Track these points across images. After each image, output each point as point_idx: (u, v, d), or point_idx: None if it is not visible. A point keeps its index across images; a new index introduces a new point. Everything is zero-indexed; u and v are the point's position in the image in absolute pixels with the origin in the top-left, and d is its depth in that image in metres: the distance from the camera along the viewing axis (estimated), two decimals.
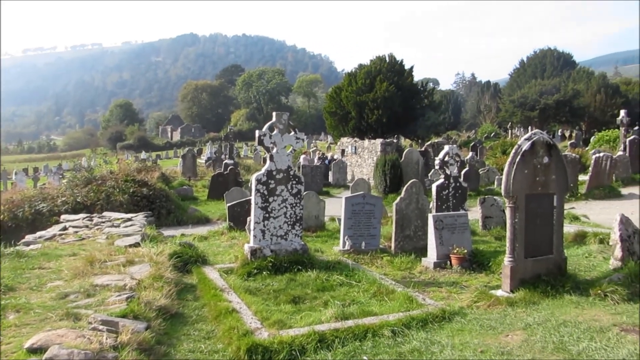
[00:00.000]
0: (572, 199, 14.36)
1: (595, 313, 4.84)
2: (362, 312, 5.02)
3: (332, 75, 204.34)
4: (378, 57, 35.84)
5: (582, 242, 8.08)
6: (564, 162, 5.78)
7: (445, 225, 7.51)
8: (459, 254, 7.22)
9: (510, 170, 5.43)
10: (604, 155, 15.37)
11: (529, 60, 58.03)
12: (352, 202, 8.28)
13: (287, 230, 7.11)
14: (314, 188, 18.93)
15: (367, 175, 22.26)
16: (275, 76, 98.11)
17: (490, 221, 9.89)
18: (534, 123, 43.07)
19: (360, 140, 26.31)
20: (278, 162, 7.07)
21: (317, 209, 11.04)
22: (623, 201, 14.00)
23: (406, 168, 17.85)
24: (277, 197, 7.03)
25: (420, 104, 36.04)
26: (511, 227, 5.50)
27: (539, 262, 5.67)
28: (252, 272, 6.51)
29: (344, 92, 34.51)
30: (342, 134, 33.41)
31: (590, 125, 43.62)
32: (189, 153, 27.64)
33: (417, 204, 8.38)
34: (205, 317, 5.01)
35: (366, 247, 8.14)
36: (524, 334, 4.45)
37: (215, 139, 65.74)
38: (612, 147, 23.53)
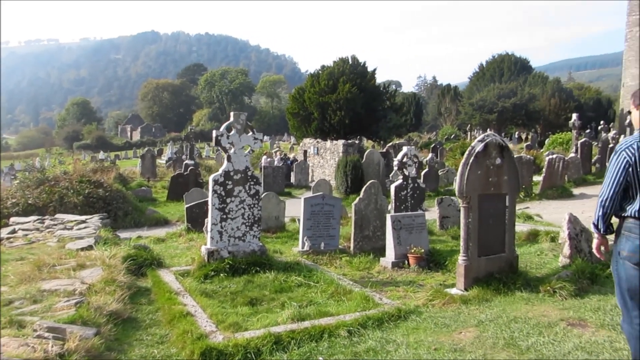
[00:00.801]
0: (527, 199, 14.77)
1: (545, 309, 4.98)
2: (319, 313, 5.01)
3: (296, 76, 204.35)
4: (341, 59, 36.00)
5: (535, 240, 8.33)
6: (515, 163, 5.93)
7: (403, 225, 7.60)
8: (416, 254, 7.32)
9: (464, 171, 5.53)
10: (557, 157, 15.88)
11: (487, 64, 59.36)
12: (311, 202, 8.28)
13: (245, 232, 7.05)
14: (275, 189, 18.86)
15: (329, 176, 22.32)
16: (238, 76, 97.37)
17: (447, 221, 10.07)
18: (493, 125, 44.12)
19: (322, 141, 26.37)
20: (236, 163, 7.00)
21: (277, 209, 11.00)
22: (574, 201, 14.48)
23: (367, 169, 18.00)
24: (234, 198, 6.97)
25: (382, 105, 36.39)
26: (465, 227, 5.61)
27: (492, 260, 5.81)
28: (209, 274, 6.42)
29: (307, 93, 34.54)
30: (305, 134, 33.42)
31: (545, 128, 45.02)
32: (149, 153, 27.10)
33: (375, 204, 8.46)
34: (159, 322, 4.90)
35: (325, 247, 8.15)
36: (476, 330, 4.54)
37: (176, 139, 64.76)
38: (565, 149, 24.35)
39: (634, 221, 3.23)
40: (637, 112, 3.38)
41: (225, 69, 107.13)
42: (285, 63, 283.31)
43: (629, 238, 3.26)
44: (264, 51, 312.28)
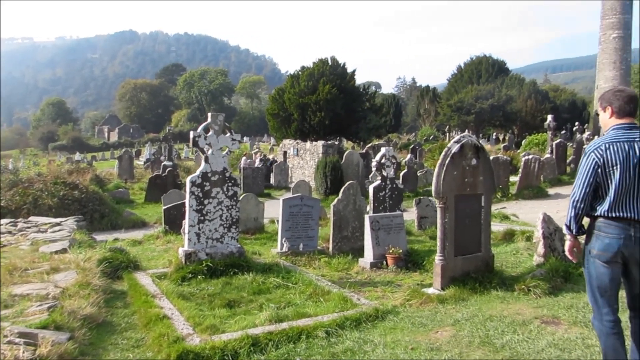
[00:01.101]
0: (504, 199, 14.98)
1: (519, 307, 5.06)
2: (297, 314, 5.01)
3: (276, 77, 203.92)
4: (321, 60, 36.03)
5: (511, 239, 8.45)
6: (490, 164, 6.01)
7: (382, 225, 7.64)
8: (395, 254, 7.36)
9: (440, 172, 5.59)
10: (533, 157, 16.13)
11: (465, 66, 60.01)
12: (290, 204, 8.27)
13: (223, 233, 7.01)
14: (255, 190, 18.80)
15: (308, 177, 22.32)
16: (217, 76, 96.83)
17: (425, 221, 10.15)
18: (471, 127, 44.66)
19: (302, 142, 26.36)
20: (213, 164, 6.96)
21: (256, 211, 10.96)
22: (550, 201, 14.73)
23: (347, 170, 18.05)
24: (212, 200, 6.92)
25: (362, 106, 36.52)
26: (441, 227, 5.67)
27: (468, 260, 5.88)
28: (186, 276, 6.37)
29: (287, 94, 34.49)
30: (285, 135, 33.36)
31: (522, 129, 45.69)
32: (126, 154, 26.76)
33: (354, 205, 8.48)
34: (135, 325, 4.85)
35: (304, 248, 8.15)
36: (452, 329, 4.59)
37: (154, 140, 64.02)
38: (541, 149, 24.74)
39: (604, 220, 3.31)
40: (604, 114, 3.46)
41: (204, 69, 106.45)
42: (265, 64, 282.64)
43: (599, 237, 3.33)
44: (243, 52, 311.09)
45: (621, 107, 3.34)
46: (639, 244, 3.23)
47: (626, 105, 3.33)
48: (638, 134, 3.28)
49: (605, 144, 3.27)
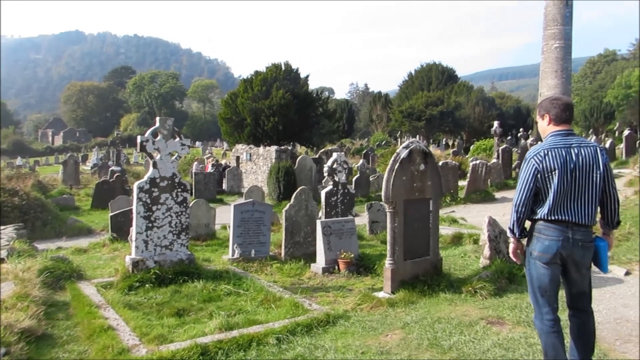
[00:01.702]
0: (453, 203, 15.33)
1: (466, 309, 5.19)
2: (247, 322, 4.96)
3: (229, 81, 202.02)
4: (274, 65, 35.91)
5: (459, 242, 8.66)
6: (438, 168, 6.15)
7: (333, 230, 7.67)
8: (346, 259, 7.40)
9: (389, 177, 5.67)
10: (480, 162, 16.61)
11: (416, 73, 61.29)
12: (242, 209, 8.19)
13: (173, 240, 6.86)
14: (207, 195, 18.54)
15: (261, 182, 22.17)
16: (169, 80, 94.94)
17: (377, 226, 10.27)
18: (421, 132, 45.62)
19: (255, 147, 26.17)
20: (162, 169, 6.81)
21: (207, 217, 10.79)
22: (496, 204, 15.19)
23: (300, 175, 18.05)
24: (161, 206, 6.76)
25: (315, 112, 36.62)
26: (391, 232, 5.75)
27: (418, 263, 5.98)
28: (133, 285, 6.19)
29: (240, 98, 34.17)
30: (238, 140, 33.02)
31: (470, 135, 47.04)
32: (71, 159, 25.81)
33: (306, 210, 8.49)
34: (78, 337, 4.66)
35: (256, 254, 8.08)
36: (402, 332, 4.65)
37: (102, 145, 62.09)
38: (488, 155, 25.54)
39: (543, 223, 3.43)
40: (542, 121, 3.60)
41: (155, 72, 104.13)
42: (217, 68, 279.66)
43: (539, 239, 3.45)
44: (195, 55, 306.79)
45: (558, 115, 3.49)
46: (576, 246, 3.37)
47: (563, 113, 3.48)
48: (575, 140, 3.43)
49: (544, 150, 3.40)
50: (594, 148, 3.42)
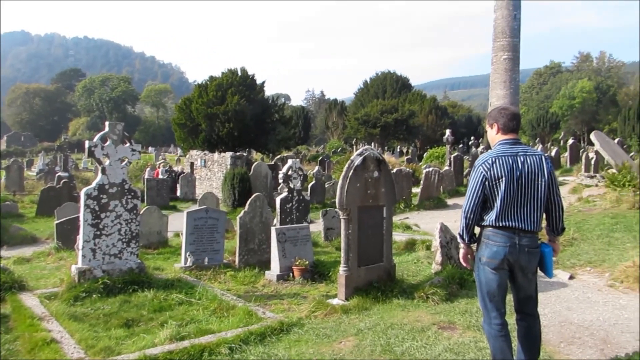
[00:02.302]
0: (407, 210, 15.57)
1: (419, 314, 5.25)
2: (199, 331, 4.85)
3: (184, 86, 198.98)
4: (230, 70, 35.61)
5: (412, 249, 8.78)
6: (392, 176, 6.22)
7: (288, 237, 7.64)
8: (301, 266, 7.38)
9: (344, 184, 5.70)
10: (433, 170, 16.97)
11: (371, 81, 62.14)
12: (195, 216, 8.04)
13: (122, 249, 6.66)
14: (159, 202, 18.14)
15: (216, 188, 21.89)
16: (120, 83, 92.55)
17: (332, 232, 10.30)
18: (376, 140, 46.18)
19: (210, 153, 25.83)
20: (111, 176, 6.61)
21: (159, 224, 10.55)
22: (448, 211, 15.53)
23: (255, 182, 17.93)
24: (110, 213, 6.56)
25: (271, 118, 36.52)
26: (345, 238, 5.77)
27: (371, 270, 6.02)
28: (79, 295, 5.96)
29: (194, 103, 33.68)
30: (192, 146, 32.52)
31: (423, 143, 48.04)
32: (15, 164, 24.73)
33: (261, 217, 8.42)
34: (18, 352, 4.43)
35: (209, 262, 7.95)
36: (355, 339, 4.66)
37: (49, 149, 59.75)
38: (441, 162, 26.12)
39: (491, 230, 3.52)
40: (491, 130, 3.71)
41: (106, 75, 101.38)
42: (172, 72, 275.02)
43: (487, 245, 3.54)
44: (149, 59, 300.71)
45: (506, 124, 3.60)
46: (523, 252, 3.47)
47: (510, 122, 3.59)
48: (521, 148, 3.55)
49: (492, 158, 3.50)
50: (539, 157, 3.54)
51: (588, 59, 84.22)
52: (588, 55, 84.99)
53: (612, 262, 6.71)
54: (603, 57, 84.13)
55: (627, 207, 9.81)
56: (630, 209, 9.70)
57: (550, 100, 68.56)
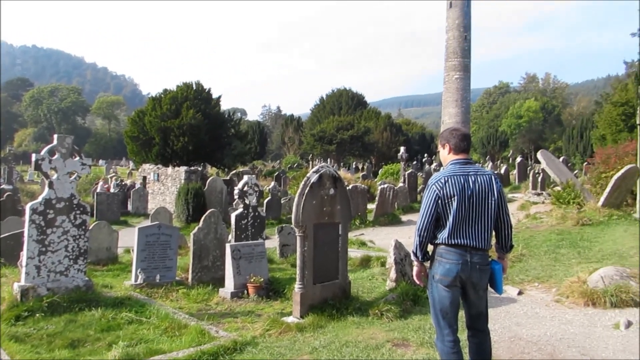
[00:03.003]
0: (362, 226, 15.69)
1: (373, 331, 5.27)
2: (149, 351, 4.71)
3: (137, 98, 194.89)
4: (185, 84, 35.20)
5: (367, 265, 8.82)
6: (347, 193, 6.27)
7: (243, 254, 7.55)
8: (256, 283, 7.30)
9: (300, 201, 5.70)
10: (388, 186, 17.20)
11: (327, 97, 62.76)
12: (147, 232, 7.84)
13: (69, 266, 6.41)
14: (110, 217, 17.64)
15: (170, 203, 21.44)
16: (70, 94, 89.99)
17: (287, 249, 10.25)
18: (332, 156, 46.52)
19: (164, 167, 25.33)
20: (59, 190, 6.37)
21: (109, 240, 10.23)
22: (403, 227, 15.74)
23: (210, 197, 17.68)
24: (56, 229, 6.31)
25: (227, 133, 36.26)
26: (301, 255, 5.75)
27: (327, 287, 6.02)
28: (21, 315, 5.68)
29: (148, 116, 33.05)
30: (145, 160, 31.82)
31: (378, 159, 48.69)
32: None
33: (215, 233, 8.30)
34: None
35: (161, 279, 7.75)
36: (310, 357, 4.63)
37: None
38: (396, 178, 26.51)
39: (444, 247, 3.60)
40: (443, 150, 3.81)
41: (55, 85, 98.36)
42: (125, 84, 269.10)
43: (440, 262, 3.61)
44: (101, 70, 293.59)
45: (457, 145, 3.71)
46: (474, 269, 3.56)
47: (461, 143, 3.70)
48: (472, 168, 3.66)
49: (445, 177, 3.59)
50: (488, 176, 3.65)
51: (534, 80, 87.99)
52: (534, 77, 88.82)
53: (558, 278, 6.96)
54: (548, 79, 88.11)
55: (571, 224, 10.21)
56: (574, 225, 10.09)
57: (499, 119, 71.05)
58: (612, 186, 11.09)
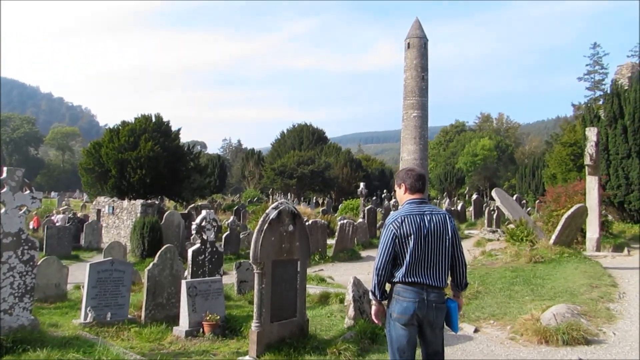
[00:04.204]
0: (322, 262, 15.63)
1: None
2: None
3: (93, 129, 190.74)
4: (144, 116, 34.83)
5: (326, 302, 8.75)
6: (306, 230, 6.27)
7: (199, 291, 7.38)
8: (212, 321, 7.12)
9: (258, 238, 5.65)
10: (348, 222, 17.29)
11: (288, 132, 63.25)
12: (98, 269, 7.58)
13: (13, 304, 6.10)
14: (61, 252, 17.02)
15: (124, 237, 20.85)
16: (23, 124, 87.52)
17: (245, 285, 10.09)
18: (293, 190, 46.56)
19: (119, 200, 24.72)
20: (7, 224, 6.11)
21: (58, 276, 9.83)
22: (362, 263, 15.77)
23: (166, 231, 17.32)
24: (2, 265, 6.02)
25: (186, 166, 35.88)
26: (258, 293, 5.67)
27: (284, 325, 5.93)
28: None
29: (105, 148, 32.41)
30: (100, 192, 31.03)
31: (339, 194, 49.03)
32: None
33: (171, 269, 8.10)
34: None
35: (112, 318, 7.46)
36: None
37: None
38: (355, 214, 26.68)
39: (401, 286, 3.63)
40: (399, 190, 3.90)
41: (7, 115, 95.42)
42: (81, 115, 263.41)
43: (398, 301, 3.63)
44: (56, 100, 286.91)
45: (412, 185, 3.80)
46: (431, 307, 3.60)
47: (416, 183, 3.80)
48: (427, 207, 3.74)
49: (401, 217, 3.65)
50: (443, 215, 3.74)
51: (488, 120, 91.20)
52: (488, 116, 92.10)
53: (512, 315, 7.08)
54: (501, 118, 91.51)
55: (525, 261, 10.48)
56: (528, 263, 10.37)
57: (456, 156, 73.07)
58: (562, 225, 11.50)
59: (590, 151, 13.41)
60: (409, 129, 43.75)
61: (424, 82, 43.56)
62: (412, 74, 43.28)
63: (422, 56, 43.33)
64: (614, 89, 21.19)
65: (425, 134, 45.33)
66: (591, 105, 36.98)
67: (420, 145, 43.77)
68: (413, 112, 43.47)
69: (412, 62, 43.21)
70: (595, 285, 8.53)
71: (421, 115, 43.63)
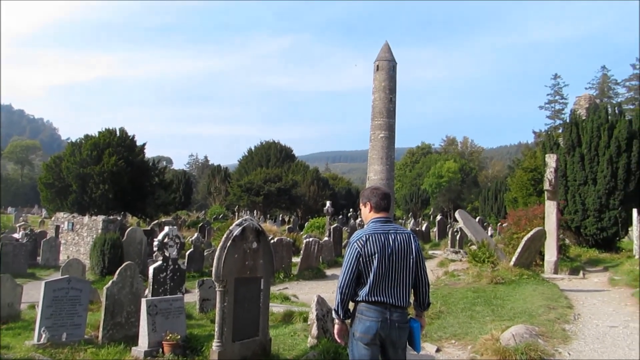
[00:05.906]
0: (286, 280, 15.50)
1: None
2: None
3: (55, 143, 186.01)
4: (108, 130, 34.21)
5: (290, 321, 8.67)
6: (271, 247, 6.23)
7: (160, 310, 7.20)
8: (172, 340, 6.93)
9: (221, 255, 5.58)
10: (313, 240, 17.25)
11: (256, 149, 63.10)
12: (54, 287, 7.32)
13: None
14: (16, 269, 16.41)
15: (84, 254, 20.27)
16: None
17: (208, 303, 9.90)
18: (259, 207, 46.27)
19: (80, 216, 24.06)
20: None
21: (12, 295, 9.44)
22: (327, 281, 15.72)
23: (128, 248, 16.91)
24: None
25: (150, 181, 35.31)
26: (220, 312, 5.58)
27: (246, 345, 5.83)
28: None
29: (66, 162, 31.65)
30: (60, 208, 30.17)
31: (305, 212, 48.99)
32: None
33: (131, 287, 7.88)
34: None
35: (68, 338, 7.19)
36: None
37: None
38: (321, 232, 26.66)
39: (365, 305, 3.63)
40: (365, 209, 3.92)
41: None
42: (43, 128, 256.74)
43: (361, 320, 3.63)
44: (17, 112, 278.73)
45: (377, 203, 3.83)
46: (394, 327, 3.60)
47: (381, 202, 3.83)
48: (392, 227, 3.77)
49: (366, 235, 3.67)
50: (407, 235, 3.77)
51: (454, 143, 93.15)
52: (454, 139, 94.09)
53: (473, 335, 7.15)
54: (466, 142, 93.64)
55: (486, 282, 10.64)
56: (489, 283, 10.53)
57: (421, 177, 74.19)
58: (522, 247, 11.77)
59: (550, 177, 13.83)
60: (376, 149, 44.23)
61: (391, 104, 44.25)
62: (380, 95, 43.93)
63: (390, 79, 44.06)
64: (572, 118, 22.01)
65: (392, 155, 45.90)
66: (551, 133, 38.18)
67: (387, 166, 44.25)
68: (380, 132, 44.01)
69: (380, 84, 43.88)
70: (552, 306, 8.72)
71: (388, 136, 44.20)
